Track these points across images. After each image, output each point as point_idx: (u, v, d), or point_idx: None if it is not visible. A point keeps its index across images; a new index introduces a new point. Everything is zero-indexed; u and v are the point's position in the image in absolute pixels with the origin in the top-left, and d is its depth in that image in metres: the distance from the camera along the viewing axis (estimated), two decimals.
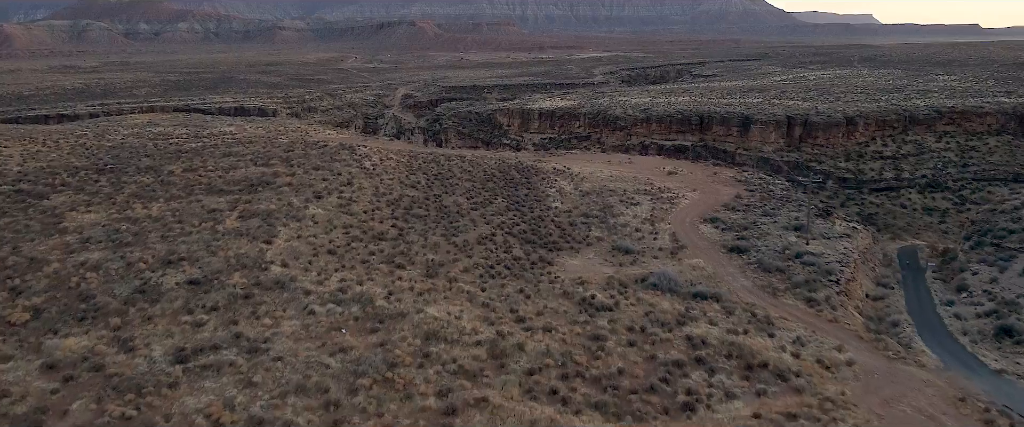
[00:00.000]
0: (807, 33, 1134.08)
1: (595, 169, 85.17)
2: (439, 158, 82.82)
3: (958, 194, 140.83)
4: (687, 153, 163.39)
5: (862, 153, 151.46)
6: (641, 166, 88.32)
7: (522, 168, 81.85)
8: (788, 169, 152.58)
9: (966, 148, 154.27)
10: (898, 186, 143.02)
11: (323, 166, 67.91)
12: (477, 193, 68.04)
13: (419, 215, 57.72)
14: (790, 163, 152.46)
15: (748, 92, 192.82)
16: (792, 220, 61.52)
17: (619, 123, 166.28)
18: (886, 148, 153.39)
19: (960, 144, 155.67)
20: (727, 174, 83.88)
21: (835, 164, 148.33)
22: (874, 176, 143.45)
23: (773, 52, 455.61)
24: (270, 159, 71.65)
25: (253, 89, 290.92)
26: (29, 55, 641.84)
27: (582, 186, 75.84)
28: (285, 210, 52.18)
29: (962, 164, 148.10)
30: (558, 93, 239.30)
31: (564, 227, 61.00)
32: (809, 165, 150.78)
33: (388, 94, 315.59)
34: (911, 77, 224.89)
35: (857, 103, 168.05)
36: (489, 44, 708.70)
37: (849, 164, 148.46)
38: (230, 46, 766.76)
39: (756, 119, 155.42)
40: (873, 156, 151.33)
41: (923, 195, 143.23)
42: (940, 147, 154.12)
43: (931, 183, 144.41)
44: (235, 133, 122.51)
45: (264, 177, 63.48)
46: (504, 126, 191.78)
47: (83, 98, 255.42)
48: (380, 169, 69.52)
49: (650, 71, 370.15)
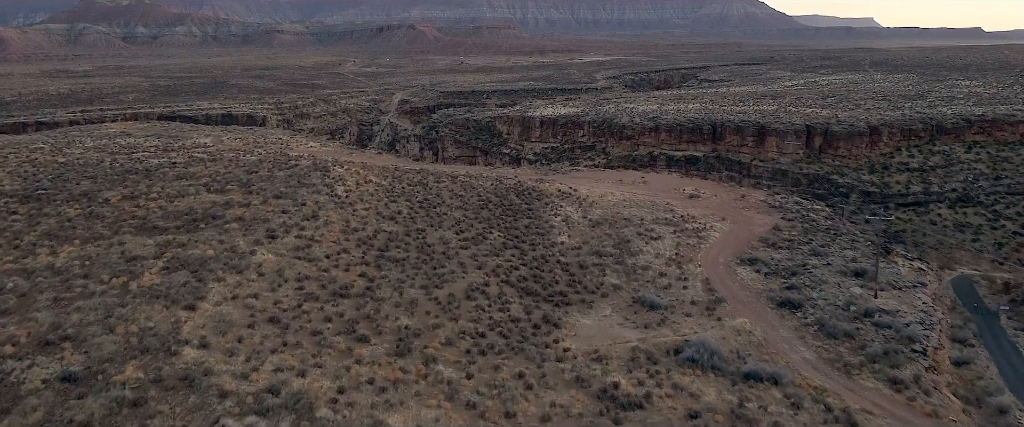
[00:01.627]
0: (809, 36, 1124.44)
1: (605, 191, 74.35)
2: (427, 179, 72.04)
3: (991, 209, 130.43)
4: (699, 165, 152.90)
5: (887, 165, 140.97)
6: (657, 187, 77.50)
7: (522, 191, 71.05)
8: (807, 182, 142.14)
9: (998, 159, 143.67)
10: (926, 201, 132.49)
11: (287, 193, 57.20)
12: (469, 225, 57.26)
13: (396, 258, 47.07)
14: (810, 176, 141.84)
15: (761, 98, 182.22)
16: (848, 261, 50.93)
17: (626, 132, 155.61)
18: (912, 159, 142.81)
19: (991, 155, 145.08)
20: (756, 197, 73.03)
21: (858, 177, 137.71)
22: (900, 190, 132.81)
23: (778, 55, 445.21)
24: (228, 183, 60.97)
25: (244, 95, 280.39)
26: (24, 59, 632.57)
27: (592, 213, 65.04)
28: (225, 257, 41.69)
29: (994, 176, 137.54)
30: (560, 99, 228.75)
31: (573, 271, 50.25)
32: (830, 178, 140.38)
33: (385, 99, 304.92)
34: (930, 82, 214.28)
35: (879, 111, 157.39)
36: (489, 47, 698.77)
37: (873, 177, 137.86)
38: (228, 50, 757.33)
39: (772, 128, 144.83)
40: (899, 168, 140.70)
41: (954, 210, 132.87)
42: (970, 158, 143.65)
43: (962, 197, 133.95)
44: (209, 146, 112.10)
45: (213, 209, 52.83)
46: (503, 134, 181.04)
47: (67, 104, 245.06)
48: (354, 197, 58.77)
49: (654, 75, 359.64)
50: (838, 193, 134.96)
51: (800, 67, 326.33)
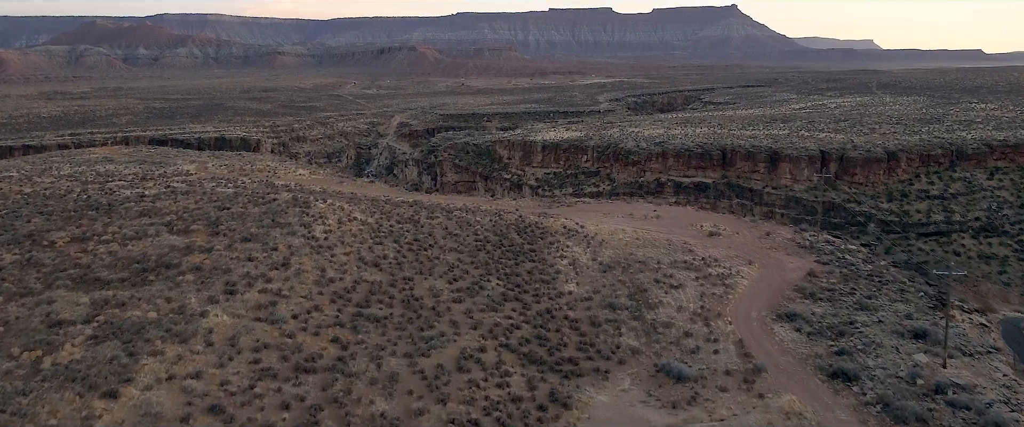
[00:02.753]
0: (810, 58, 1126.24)
1: (615, 227, 67.42)
2: (420, 214, 65.16)
3: (1017, 239, 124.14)
4: (708, 192, 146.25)
5: (906, 192, 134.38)
6: (672, 221, 70.58)
7: (524, 228, 64.12)
8: (823, 211, 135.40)
9: (1022, 186, 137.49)
10: (949, 230, 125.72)
11: (257, 235, 50.34)
12: (463, 271, 50.29)
13: (376, 317, 40.08)
14: (825, 204, 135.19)
15: (771, 122, 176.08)
16: (902, 317, 43.90)
17: (631, 158, 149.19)
18: (932, 186, 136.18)
19: (1015, 182, 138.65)
20: (783, 235, 66.04)
21: (876, 205, 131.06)
22: (921, 219, 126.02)
23: (782, 77, 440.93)
24: (194, 222, 54.16)
25: (240, 117, 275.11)
26: (23, 80, 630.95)
27: (602, 254, 58.09)
28: (169, 321, 34.84)
29: (1019, 204, 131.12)
30: (562, 122, 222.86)
31: (583, 329, 43.19)
32: (847, 206, 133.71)
33: (383, 122, 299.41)
34: (943, 105, 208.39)
35: (896, 135, 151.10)
36: (490, 69, 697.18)
37: (892, 205, 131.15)
38: (228, 71, 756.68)
39: (785, 153, 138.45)
40: (918, 195, 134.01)
41: (978, 240, 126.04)
42: (993, 185, 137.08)
43: (986, 227, 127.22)
44: (191, 174, 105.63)
45: (169, 255, 45.97)
46: (504, 159, 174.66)
47: (58, 127, 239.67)
48: (334, 238, 51.89)
49: (657, 98, 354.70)
50: (855, 222, 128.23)
51: (806, 89, 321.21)
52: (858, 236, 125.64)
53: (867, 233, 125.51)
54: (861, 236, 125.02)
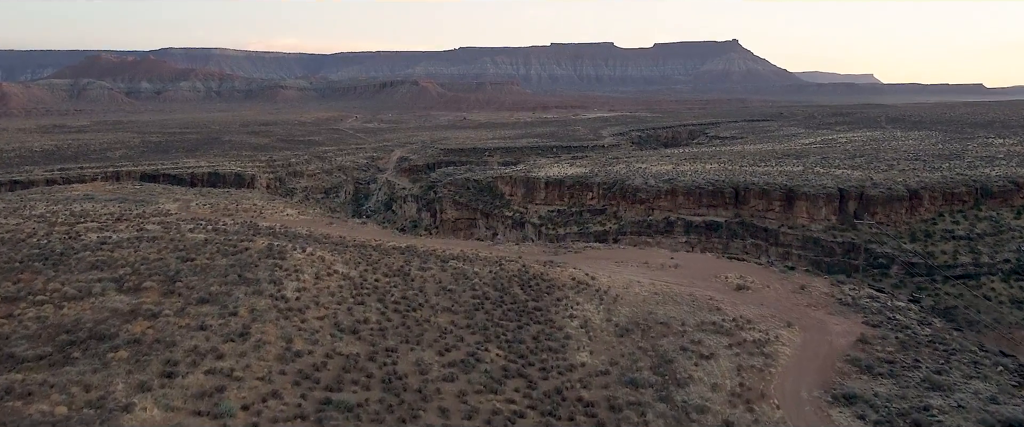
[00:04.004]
0: (811, 92, 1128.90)
1: (630, 277, 60.02)
2: (411, 264, 57.82)
3: None
4: (720, 231, 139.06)
5: (929, 232, 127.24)
6: (692, 271, 63.15)
7: (528, 279, 56.74)
8: (842, 252, 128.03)
9: None
10: (977, 273, 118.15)
11: (218, 294, 43.02)
12: (458, 338, 42.79)
13: (348, 405, 32.54)
14: (845, 244, 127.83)
15: (783, 158, 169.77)
16: (985, 401, 36.25)
17: (639, 195, 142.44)
18: (957, 226, 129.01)
19: None
20: (819, 289, 58.53)
21: (899, 245, 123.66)
22: (947, 261, 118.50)
23: (787, 111, 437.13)
24: (150, 276, 46.93)
25: (236, 152, 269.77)
26: (24, 114, 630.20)
27: (617, 313, 50.63)
28: (81, 419, 27.45)
29: None
30: (566, 157, 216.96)
31: (601, 416, 35.55)
32: (868, 247, 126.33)
33: (383, 156, 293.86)
34: (959, 140, 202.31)
35: (916, 172, 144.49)
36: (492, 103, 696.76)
37: (916, 246, 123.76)
38: (230, 105, 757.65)
39: (802, 191, 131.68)
40: (943, 236, 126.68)
41: (1008, 283, 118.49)
42: (1021, 225, 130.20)
43: (1016, 269, 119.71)
44: (170, 214, 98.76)
45: (108, 322, 38.65)
46: (506, 196, 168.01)
47: (50, 161, 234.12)
48: (308, 298, 44.53)
49: (661, 132, 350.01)
50: (877, 265, 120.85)
51: (813, 124, 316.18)
52: (880, 279, 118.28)
53: (890, 276, 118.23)
54: (883, 279, 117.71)
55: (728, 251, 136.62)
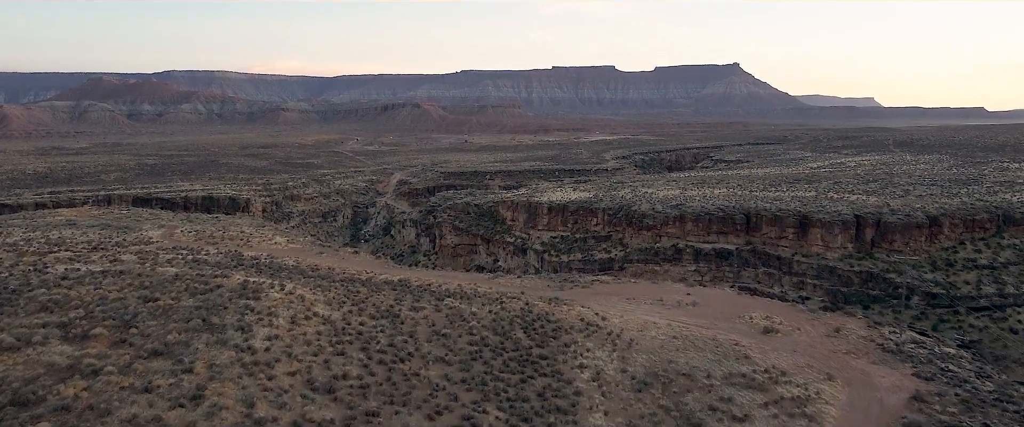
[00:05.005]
0: (813, 116, 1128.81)
1: (644, 317, 54.24)
2: (401, 303, 52.11)
3: None
4: (731, 259, 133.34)
5: (951, 261, 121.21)
6: (712, 310, 57.33)
7: (532, 321, 50.99)
8: (859, 282, 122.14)
9: None
10: (1002, 304, 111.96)
11: (175, 344, 37.33)
12: (452, 397, 36.97)
13: None
14: (862, 274, 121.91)
15: (794, 182, 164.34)
16: None
17: (646, 222, 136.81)
18: (980, 254, 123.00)
19: None
20: (856, 331, 52.65)
21: (920, 275, 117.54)
22: (970, 291, 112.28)
23: (791, 135, 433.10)
24: (102, 321, 41.30)
25: (233, 174, 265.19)
26: (24, 136, 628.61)
27: (632, 362, 44.83)
28: None
29: None
30: (569, 181, 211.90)
31: None
32: (887, 276, 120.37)
33: (383, 180, 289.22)
34: (973, 165, 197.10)
35: (934, 198, 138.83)
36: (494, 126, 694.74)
37: (936, 275, 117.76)
38: (231, 127, 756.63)
39: (816, 218, 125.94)
40: (965, 265, 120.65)
41: None
42: None
43: None
44: (151, 242, 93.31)
45: (38, 381, 32.98)
46: (507, 221, 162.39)
47: (42, 184, 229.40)
48: (279, 348, 38.81)
49: (665, 155, 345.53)
50: (896, 295, 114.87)
51: (819, 147, 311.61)
52: (900, 310, 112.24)
53: (911, 307, 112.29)
54: (904, 310, 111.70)
55: (739, 280, 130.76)
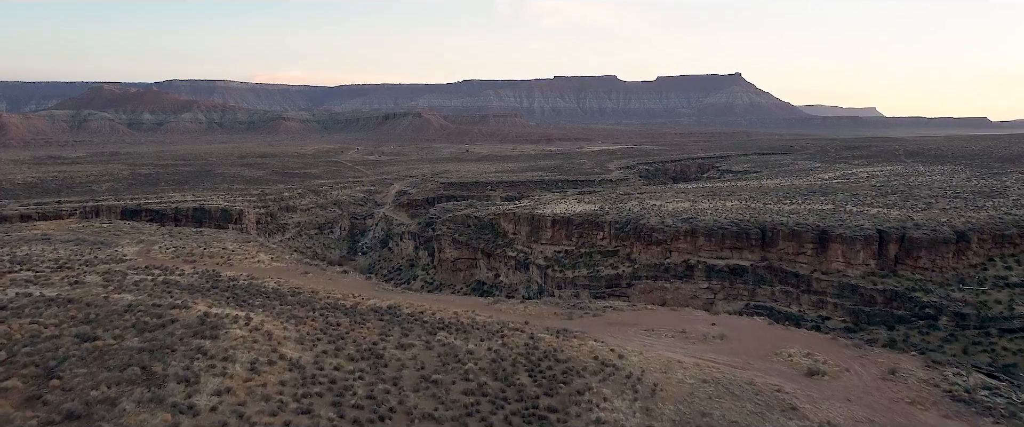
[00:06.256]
0: (815, 126, 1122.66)
1: (667, 354, 47.14)
2: (388, 338, 45.04)
3: None
4: (746, 276, 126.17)
5: (980, 279, 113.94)
6: (743, 344, 50.16)
7: (539, 361, 43.92)
8: (883, 301, 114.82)
9: None
10: None
11: (99, 403, 30.28)
12: None
13: None
14: (887, 293, 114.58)
15: (809, 194, 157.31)
16: None
17: (655, 236, 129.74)
18: (1011, 272, 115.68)
19: None
20: (914, 373, 45.42)
21: (947, 294, 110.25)
22: (1002, 312, 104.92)
23: (797, 145, 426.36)
24: (20, 370, 34.43)
25: (227, 185, 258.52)
26: (22, 145, 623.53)
27: (659, 416, 37.70)
28: None
29: None
30: (573, 193, 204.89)
31: None
32: (913, 296, 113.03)
33: (382, 190, 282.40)
34: (993, 176, 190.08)
35: (958, 211, 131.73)
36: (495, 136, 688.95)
37: (965, 294, 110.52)
38: (231, 136, 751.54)
39: (836, 233, 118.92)
40: (995, 283, 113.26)
41: None
42: None
43: None
44: (126, 259, 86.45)
45: None
46: (509, 234, 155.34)
47: (31, 194, 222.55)
48: (229, 407, 31.74)
49: (669, 165, 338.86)
50: (924, 316, 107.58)
51: (828, 158, 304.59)
52: (927, 332, 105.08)
53: (939, 328, 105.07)
54: (932, 332, 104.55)
55: (755, 298, 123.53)
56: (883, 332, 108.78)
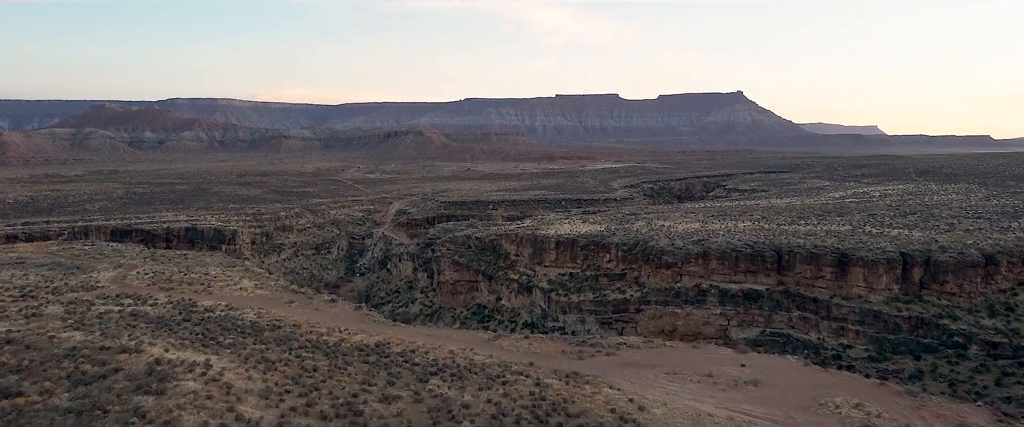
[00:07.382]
0: (817, 144, 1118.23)
1: (694, 404, 40.70)
2: (370, 388, 38.76)
3: None
4: (760, 302, 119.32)
5: (1011, 305, 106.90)
6: (783, 392, 43.67)
7: (546, 417, 37.53)
8: (909, 328, 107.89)
9: None
10: None
11: None
12: None
13: None
14: (912, 319, 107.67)
15: (824, 215, 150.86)
16: None
17: (665, 259, 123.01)
18: None
19: None
20: None
21: (977, 321, 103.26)
22: None
23: (803, 163, 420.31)
24: None
25: (223, 204, 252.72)
26: (22, 163, 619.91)
27: None
28: None
29: None
30: (577, 212, 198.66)
31: None
32: (940, 323, 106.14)
33: (381, 209, 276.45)
34: (1012, 195, 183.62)
35: (984, 233, 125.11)
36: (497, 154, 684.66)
37: (996, 321, 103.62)
38: (232, 155, 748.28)
39: (857, 256, 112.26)
40: None
41: None
42: None
43: None
44: (99, 286, 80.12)
45: None
46: (511, 256, 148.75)
47: (20, 214, 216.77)
48: None
49: (674, 184, 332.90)
50: (952, 344, 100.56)
51: (836, 176, 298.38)
52: (957, 362, 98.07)
53: (968, 358, 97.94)
54: (961, 362, 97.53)
55: (771, 325, 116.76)
56: (909, 361, 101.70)
